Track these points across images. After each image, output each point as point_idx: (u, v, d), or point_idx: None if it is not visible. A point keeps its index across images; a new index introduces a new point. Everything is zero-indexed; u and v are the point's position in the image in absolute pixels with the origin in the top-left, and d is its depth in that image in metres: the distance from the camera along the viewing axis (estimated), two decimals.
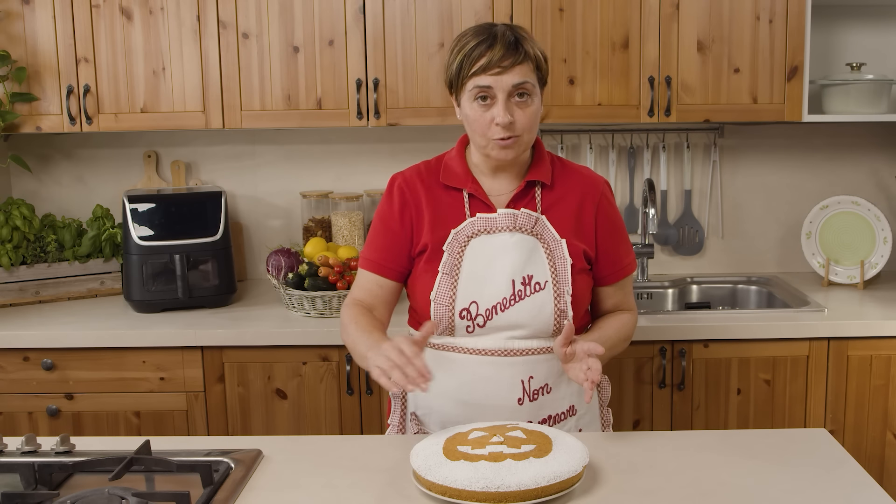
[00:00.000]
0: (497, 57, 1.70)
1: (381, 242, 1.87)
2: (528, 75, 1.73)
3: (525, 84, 1.73)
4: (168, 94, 2.76)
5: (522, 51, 1.73)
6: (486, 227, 1.79)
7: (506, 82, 1.71)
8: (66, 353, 2.53)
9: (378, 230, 1.88)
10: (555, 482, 1.39)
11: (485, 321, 1.76)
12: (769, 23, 2.70)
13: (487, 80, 1.71)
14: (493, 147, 1.75)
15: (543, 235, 1.80)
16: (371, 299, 1.88)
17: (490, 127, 1.73)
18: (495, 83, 1.71)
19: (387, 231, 1.86)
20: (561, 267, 1.78)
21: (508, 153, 1.76)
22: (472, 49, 1.73)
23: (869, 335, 2.50)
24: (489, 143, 1.75)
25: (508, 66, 1.70)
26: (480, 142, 1.77)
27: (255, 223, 3.17)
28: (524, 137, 1.76)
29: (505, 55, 1.71)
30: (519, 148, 1.77)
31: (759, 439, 1.69)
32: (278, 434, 2.56)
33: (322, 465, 1.59)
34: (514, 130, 1.73)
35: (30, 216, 2.82)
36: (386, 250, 1.86)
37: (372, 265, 1.87)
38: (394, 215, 1.85)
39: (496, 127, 1.73)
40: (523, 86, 1.73)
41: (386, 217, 1.87)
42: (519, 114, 1.73)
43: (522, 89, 1.73)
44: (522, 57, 1.72)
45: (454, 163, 1.86)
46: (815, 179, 3.12)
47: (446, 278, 1.77)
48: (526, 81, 1.73)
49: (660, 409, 2.55)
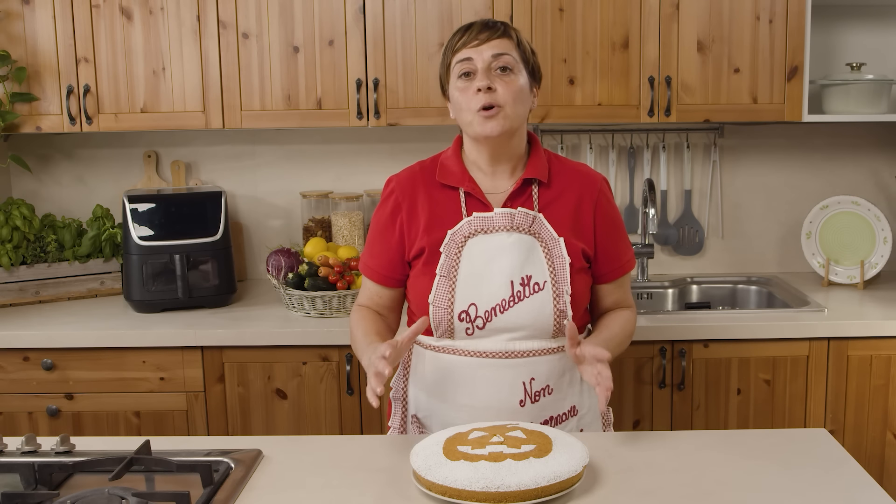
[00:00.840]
0: (475, 32, 1.77)
1: (377, 249, 1.89)
2: (508, 49, 1.77)
3: (504, 56, 1.75)
4: (168, 94, 2.76)
5: (501, 26, 1.78)
6: (483, 227, 1.79)
7: (485, 53, 1.75)
8: (66, 353, 2.53)
9: (373, 236, 1.90)
10: (555, 482, 1.39)
11: (484, 323, 1.76)
12: (769, 23, 2.70)
13: (467, 53, 1.76)
14: (478, 121, 1.75)
15: (541, 234, 1.79)
16: (376, 306, 1.92)
17: (473, 98, 1.74)
18: (475, 54, 1.75)
19: (380, 237, 1.88)
20: (559, 266, 1.78)
21: (494, 126, 1.74)
22: (453, 36, 1.81)
23: (869, 335, 2.50)
24: (474, 117, 1.75)
25: (485, 39, 1.76)
26: (467, 118, 1.77)
27: (255, 223, 3.17)
28: (507, 110, 1.75)
29: (482, 30, 1.77)
30: (504, 121, 1.75)
31: (759, 439, 1.69)
32: (278, 434, 2.56)
33: (322, 465, 1.59)
34: (496, 100, 1.73)
35: (30, 216, 2.82)
36: (381, 258, 1.87)
37: (371, 273, 1.90)
38: (386, 221, 1.87)
39: (477, 95, 1.74)
40: (502, 58, 1.75)
41: (379, 223, 1.89)
42: (500, 83, 1.75)
43: (502, 61, 1.75)
44: (501, 32, 1.77)
45: (450, 161, 1.86)
46: (815, 179, 3.12)
47: (444, 281, 1.77)
48: (505, 53, 1.76)
49: (660, 409, 2.55)
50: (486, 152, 1.81)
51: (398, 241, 1.85)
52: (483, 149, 1.81)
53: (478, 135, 1.77)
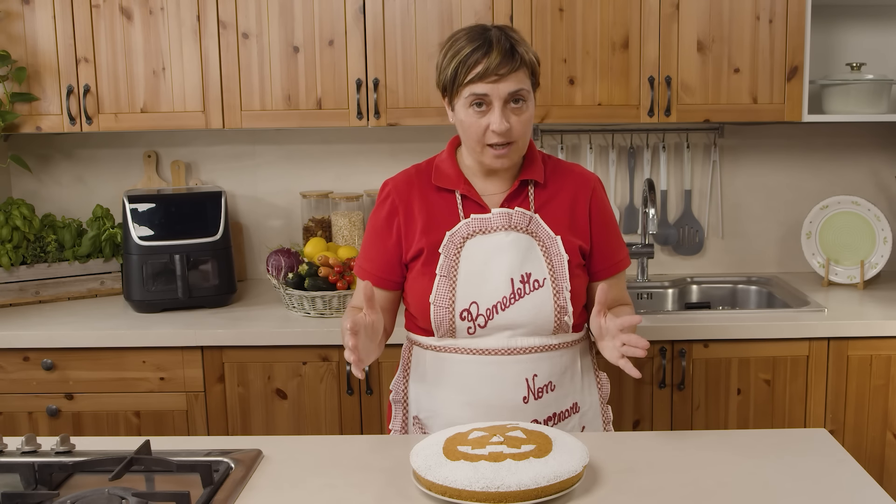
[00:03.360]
0: (494, 65, 1.69)
1: (373, 252, 1.88)
2: (524, 82, 1.74)
3: (521, 91, 1.73)
4: (168, 94, 2.76)
5: (518, 57, 1.72)
6: (481, 228, 1.79)
7: (502, 90, 1.71)
8: (66, 353, 2.53)
9: (369, 239, 1.89)
10: (555, 482, 1.39)
11: (486, 321, 1.76)
12: (769, 23, 2.70)
13: (484, 89, 1.70)
14: (487, 155, 1.76)
15: (538, 233, 1.80)
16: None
17: (486, 133, 1.74)
18: (492, 91, 1.71)
19: (376, 241, 1.87)
20: (558, 264, 1.78)
21: (504, 162, 1.77)
22: (468, 56, 1.71)
23: (869, 335, 2.50)
24: (484, 150, 1.76)
25: (505, 74, 1.70)
26: (476, 148, 1.77)
27: (255, 223, 3.17)
28: (518, 144, 1.77)
29: (501, 63, 1.70)
30: (514, 156, 1.78)
31: (759, 439, 1.69)
32: (278, 434, 2.56)
33: (322, 465, 1.59)
34: (511, 137, 1.74)
35: (30, 216, 2.82)
36: (378, 261, 1.87)
37: (366, 275, 1.88)
38: (382, 224, 1.86)
39: (492, 134, 1.73)
40: (519, 93, 1.73)
41: (375, 226, 1.88)
42: (515, 120, 1.73)
43: (518, 96, 1.73)
44: (519, 64, 1.72)
45: (445, 165, 1.85)
46: (815, 179, 3.12)
47: (444, 280, 1.77)
48: (522, 88, 1.73)
49: (660, 409, 2.55)
50: (486, 168, 1.82)
51: (395, 244, 1.84)
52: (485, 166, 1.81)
53: (485, 164, 1.79)
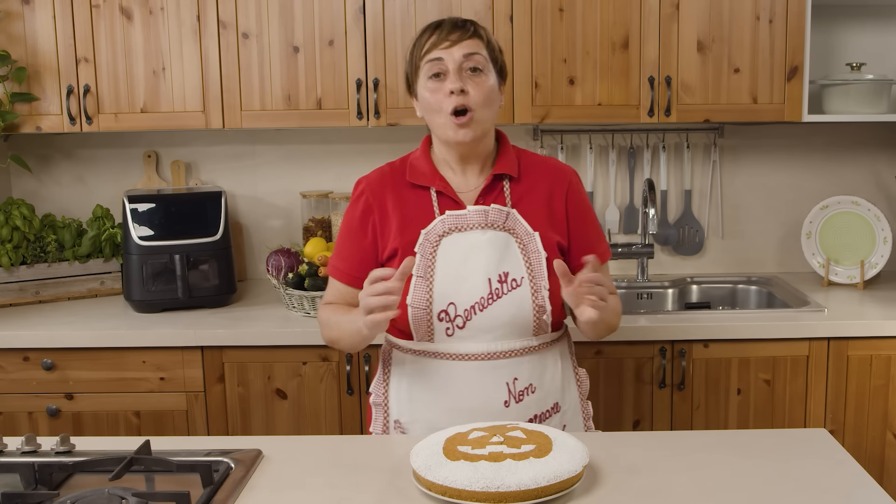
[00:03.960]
0: (445, 32, 1.76)
1: (348, 252, 1.86)
2: (478, 48, 1.76)
3: (475, 56, 1.75)
4: (168, 94, 2.76)
5: (471, 26, 1.78)
6: (457, 225, 1.78)
7: (456, 54, 1.74)
8: (66, 353, 2.53)
9: (344, 238, 1.88)
10: (555, 482, 1.39)
11: (464, 322, 1.75)
12: (769, 23, 2.70)
13: (438, 53, 1.75)
14: (450, 127, 1.75)
15: (516, 230, 1.79)
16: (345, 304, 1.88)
17: (445, 100, 1.74)
18: (446, 55, 1.74)
19: (351, 239, 1.86)
20: (536, 262, 1.77)
21: (466, 133, 1.75)
22: (422, 35, 1.79)
23: (869, 335, 2.49)
24: (446, 121, 1.75)
25: (456, 40, 1.75)
26: (438, 120, 1.77)
27: (255, 223, 3.17)
28: (479, 114, 1.75)
29: (453, 30, 1.76)
30: (476, 127, 1.76)
31: (759, 439, 1.69)
32: (278, 434, 2.56)
33: (322, 465, 1.59)
34: (468, 101, 1.73)
35: (30, 216, 2.82)
36: (352, 259, 1.85)
37: (341, 275, 1.87)
38: (357, 223, 1.85)
39: (450, 97, 1.73)
40: (473, 57, 1.75)
41: (350, 225, 1.87)
42: (471, 85, 1.74)
43: (473, 62, 1.75)
44: (471, 32, 1.77)
45: (419, 161, 1.85)
46: (815, 179, 3.12)
47: (421, 281, 1.75)
48: (476, 53, 1.75)
49: (660, 409, 2.55)
50: (455, 152, 1.82)
51: (371, 243, 1.83)
52: (453, 149, 1.81)
53: (450, 139, 1.78)
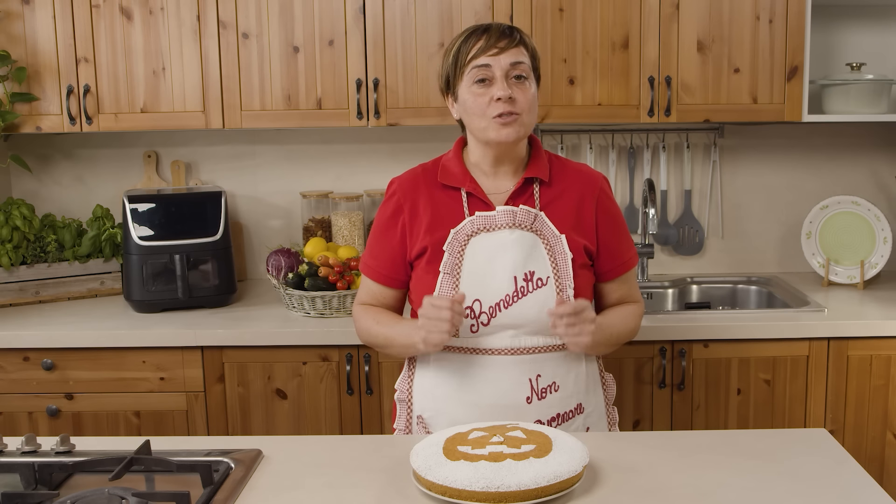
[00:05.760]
0: (493, 39, 1.77)
1: (378, 250, 1.90)
2: (524, 57, 1.78)
3: (521, 65, 1.77)
4: (168, 94, 2.76)
5: (517, 35, 1.79)
6: (486, 225, 1.80)
7: (503, 62, 1.75)
8: (66, 353, 2.53)
9: (375, 237, 1.91)
10: (555, 482, 1.39)
11: (489, 319, 1.76)
12: (769, 23, 2.70)
13: (485, 60, 1.76)
14: (493, 128, 1.77)
15: (543, 231, 1.80)
16: (378, 305, 1.92)
17: (490, 105, 1.75)
18: (493, 62, 1.75)
19: (382, 238, 1.89)
20: (562, 262, 1.79)
21: (510, 133, 1.76)
22: (468, 38, 1.79)
23: (869, 335, 2.49)
24: (489, 123, 1.77)
25: (505, 47, 1.76)
26: (480, 124, 1.78)
27: (255, 223, 3.17)
28: (524, 118, 1.78)
29: (500, 37, 1.77)
30: (520, 129, 1.78)
31: (759, 439, 1.69)
32: (278, 434, 2.56)
33: (322, 465, 1.59)
34: (515, 107, 1.75)
35: (30, 216, 2.82)
36: (382, 258, 1.88)
37: (372, 273, 1.90)
38: (387, 222, 1.88)
39: (496, 103, 1.75)
40: (520, 66, 1.77)
41: (380, 224, 1.90)
42: (518, 92, 1.76)
43: (519, 70, 1.77)
44: (518, 40, 1.78)
45: (451, 163, 1.87)
46: (815, 179, 3.12)
47: (448, 278, 1.78)
48: (522, 62, 1.77)
49: (660, 409, 2.55)
50: (491, 155, 1.83)
51: (400, 242, 1.85)
52: (489, 151, 1.83)
53: (491, 140, 1.79)
